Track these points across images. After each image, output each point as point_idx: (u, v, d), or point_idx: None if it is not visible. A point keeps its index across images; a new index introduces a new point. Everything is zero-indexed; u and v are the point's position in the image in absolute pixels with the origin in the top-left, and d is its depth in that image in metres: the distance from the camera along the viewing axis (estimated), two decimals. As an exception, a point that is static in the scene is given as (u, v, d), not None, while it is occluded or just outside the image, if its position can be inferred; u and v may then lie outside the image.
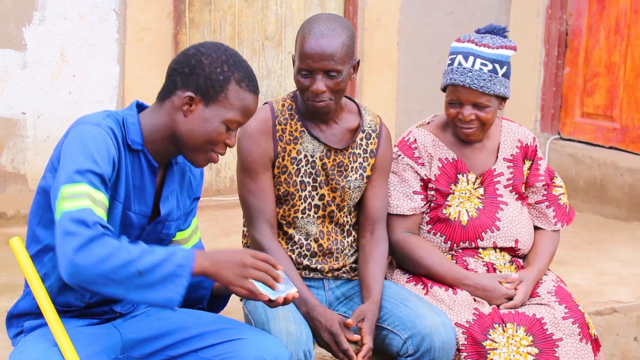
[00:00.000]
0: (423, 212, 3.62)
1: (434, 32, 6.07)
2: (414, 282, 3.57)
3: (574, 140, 6.06)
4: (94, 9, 5.14)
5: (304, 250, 3.45)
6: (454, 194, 3.61)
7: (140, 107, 2.95)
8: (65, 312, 2.89)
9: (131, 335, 2.94)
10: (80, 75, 5.16)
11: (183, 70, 2.83)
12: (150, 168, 2.88)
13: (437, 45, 6.05)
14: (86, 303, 2.90)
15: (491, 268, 3.59)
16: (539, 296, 3.51)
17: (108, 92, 5.24)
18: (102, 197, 2.69)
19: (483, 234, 3.59)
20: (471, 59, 3.48)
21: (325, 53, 3.25)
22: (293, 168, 3.41)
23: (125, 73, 5.24)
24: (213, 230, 5.10)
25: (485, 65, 3.48)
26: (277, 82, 5.72)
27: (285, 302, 2.78)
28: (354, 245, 3.54)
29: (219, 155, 2.89)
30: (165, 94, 2.87)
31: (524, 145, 3.70)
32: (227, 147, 2.89)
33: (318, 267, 3.46)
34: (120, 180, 2.81)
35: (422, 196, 3.59)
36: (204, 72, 2.81)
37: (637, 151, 5.73)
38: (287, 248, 3.45)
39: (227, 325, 2.96)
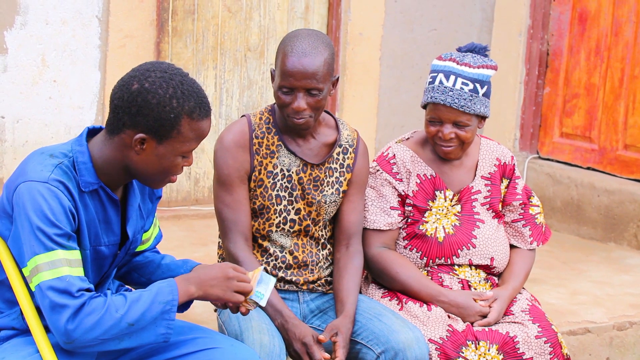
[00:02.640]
0: (400, 228, 3.62)
1: (416, 48, 6.08)
2: (388, 297, 3.57)
3: (552, 160, 6.08)
4: (76, 15, 5.13)
5: (279, 263, 3.45)
6: (431, 210, 3.62)
7: (92, 131, 2.89)
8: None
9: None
10: (60, 80, 5.14)
11: (130, 110, 2.74)
12: (111, 200, 2.88)
13: (419, 61, 6.06)
14: None
15: (466, 285, 3.60)
16: (513, 314, 3.52)
17: (88, 98, 5.22)
18: (76, 254, 2.73)
19: (459, 251, 3.60)
20: (452, 78, 3.50)
21: (307, 72, 3.25)
22: (269, 182, 3.41)
23: (106, 80, 5.22)
24: (190, 239, 5.09)
25: (466, 84, 3.49)
26: (258, 93, 5.72)
27: None
28: (329, 258, 3.54)
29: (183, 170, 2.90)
30: (113, 129, 2.80)
31: (502, 163, 3.72)
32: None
33: (293, 280, 3.46)
34: (82, 227, 2.81)
35: (399, 212, 3.60)
36: (152, 113, 2.73)
37: (615, 172, 5.76)
38: (262, 260, 3.45)
39: (201, 334, 2.96)
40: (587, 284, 4.84)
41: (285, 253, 3.46)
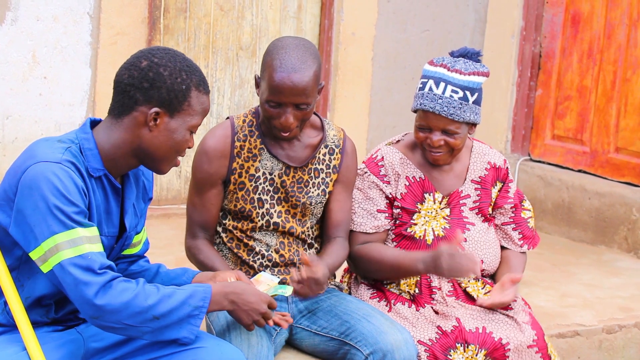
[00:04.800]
0: (388, 230, 3.60)
1: (409, 49, 6.08)
2: (377, 298, 3.56)
3: (543, 162, 6.08)
4: (67, 12, 5.11)
5: (265, 261, 3.44)
6: (419, 212, 3.60)
7: (94, 123, 2.92)
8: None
9: (94, 343, 2.94)
10: (51, 77, 5.12)
11: (142, 85, 2.80)
12: (114, 189, 2.90)
13: (412, 62, 6.05)
14: (52, 318, 2.89)
15: (456, 284, 3.58)
16: (513, 309, 3.48)
17: (79, 95, 5.20)
18: (94, 230, 2.75)
19: (448, 252, 3.58)
20: (442, 85, 3.46)
21: (297, 88, 3.24)
22: (251, 185, 3.40)
23: (97, 77, 5.20)
24: (179, 238, 5.04)
25: (456, 92, 3.45)
26: (249, 92, 5.71)
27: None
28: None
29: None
30: (123, 110, 2.84)
31: (494, 167, 3.70)
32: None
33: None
34: (92, 210, 2.83)
35: (387, 214, 3.58)
36: (165, 85, 2.80)
37: (606, 175, 5.75)
38: (249, 259, 3.44)
39: (188, 332, 2.95)
40: (577, 287, 4.84)
41: (271, 252, 3.45)
